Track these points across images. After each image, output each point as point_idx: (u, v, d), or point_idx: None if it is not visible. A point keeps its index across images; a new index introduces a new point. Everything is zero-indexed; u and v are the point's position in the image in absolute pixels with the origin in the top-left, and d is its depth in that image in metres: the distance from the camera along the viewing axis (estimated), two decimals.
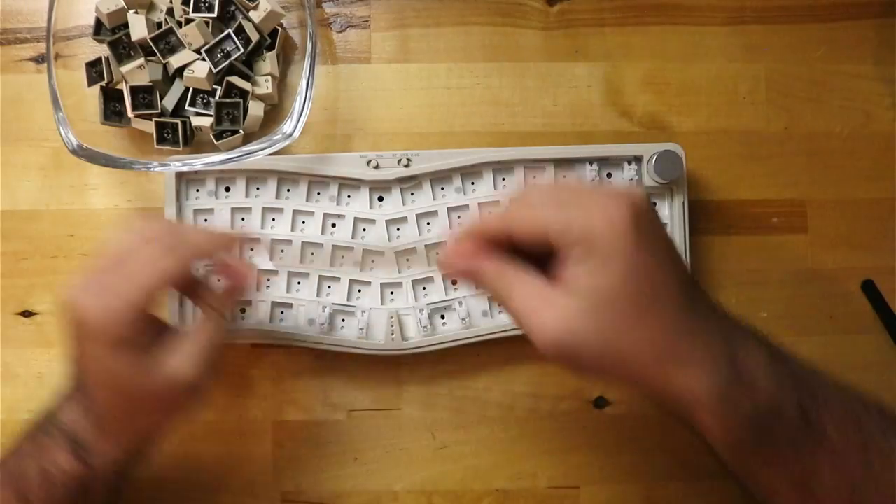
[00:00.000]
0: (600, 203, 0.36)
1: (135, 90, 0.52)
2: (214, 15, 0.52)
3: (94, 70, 0.53)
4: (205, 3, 0.52)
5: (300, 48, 0.56)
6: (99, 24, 0.54)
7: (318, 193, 0.55)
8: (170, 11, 0.53)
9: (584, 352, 0.35)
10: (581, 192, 0.37)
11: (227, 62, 0.52)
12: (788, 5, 0.58)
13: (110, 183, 0.56)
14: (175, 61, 0.52)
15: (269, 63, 0.54)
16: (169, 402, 0.43)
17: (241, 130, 0.53)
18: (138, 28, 0.52)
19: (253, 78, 0.54)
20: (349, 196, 0.55)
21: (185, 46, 0.52)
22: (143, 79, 0.52)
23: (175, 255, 0.42)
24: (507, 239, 0.39)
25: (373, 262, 0.54)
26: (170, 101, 0.53)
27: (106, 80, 0.53)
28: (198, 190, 0.54)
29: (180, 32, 0.52)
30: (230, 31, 0.52)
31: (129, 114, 0.53)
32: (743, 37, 0.58)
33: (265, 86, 0.53)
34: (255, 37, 0.53)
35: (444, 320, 0.54)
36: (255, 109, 0.53)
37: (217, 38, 0.52)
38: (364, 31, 0.57)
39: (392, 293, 0.54)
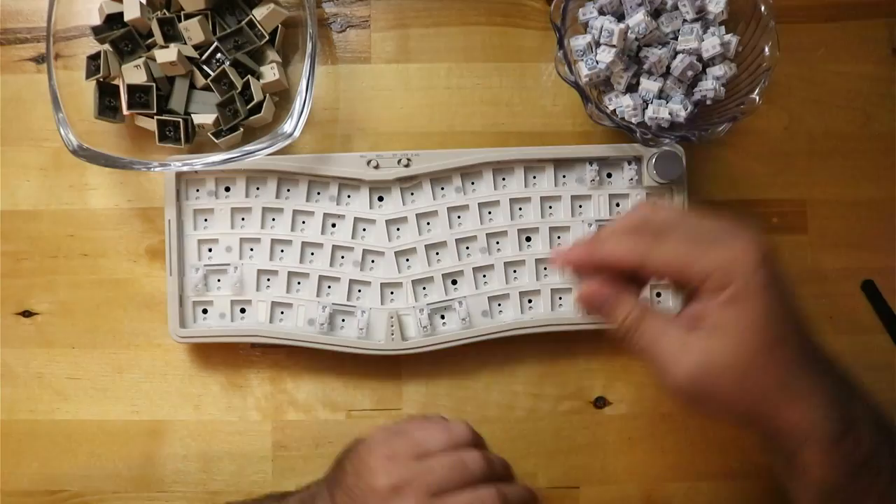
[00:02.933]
0: (739, 243, 0.38)
1: (132, 88, 0.52)
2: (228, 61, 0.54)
3: (94, 63, 0.53)
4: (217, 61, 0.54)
5: (300, 48, 0.56)
6: (100, 24, 0.54)
7: (318, 193, 0.55)
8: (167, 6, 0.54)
9: (720, 389, 0.37)
10: (715, 230, 0.39)
11: (232, 57, 0.53)
12: (788, 5, 0.58)
13: (110, 183, 0.56)
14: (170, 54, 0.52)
15: (271, 53, 0.54)
16: None
17: (241, 128, 0.53)
18: (132, 9, 0.52)
19: (258, 70, 0.54)
20: (349, 196, 0.55)
21: (185, 41, 0.53)
22: (141, 77, 0.52)
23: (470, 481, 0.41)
24: (635, 269, 0.40)
25: (373, 262, 0.54)
26: (177, 103, 0.53)
27: (103, 74, 0.52)
28: (198, 190, 0.54)
29: (181, 26, 0.52)
30: (243, 23, 0.53)
31: (124, 111, 0.53)
32: None
33: (271, 73, 0.53)
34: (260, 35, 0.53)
35: (443, 320, 0.54)
36: (260, 93, 0.53)
37: (228, 31, 0.53)
38: (364, 31, 0.57)
39: (392, 293, 0.54)
